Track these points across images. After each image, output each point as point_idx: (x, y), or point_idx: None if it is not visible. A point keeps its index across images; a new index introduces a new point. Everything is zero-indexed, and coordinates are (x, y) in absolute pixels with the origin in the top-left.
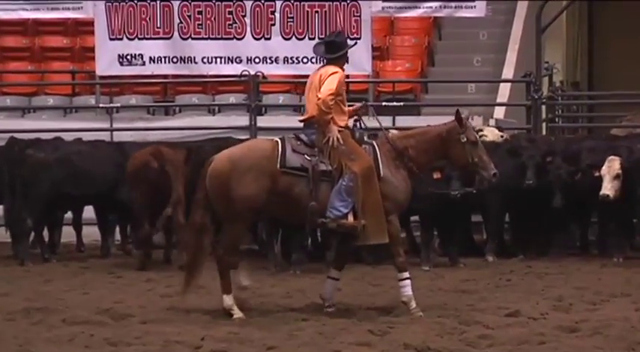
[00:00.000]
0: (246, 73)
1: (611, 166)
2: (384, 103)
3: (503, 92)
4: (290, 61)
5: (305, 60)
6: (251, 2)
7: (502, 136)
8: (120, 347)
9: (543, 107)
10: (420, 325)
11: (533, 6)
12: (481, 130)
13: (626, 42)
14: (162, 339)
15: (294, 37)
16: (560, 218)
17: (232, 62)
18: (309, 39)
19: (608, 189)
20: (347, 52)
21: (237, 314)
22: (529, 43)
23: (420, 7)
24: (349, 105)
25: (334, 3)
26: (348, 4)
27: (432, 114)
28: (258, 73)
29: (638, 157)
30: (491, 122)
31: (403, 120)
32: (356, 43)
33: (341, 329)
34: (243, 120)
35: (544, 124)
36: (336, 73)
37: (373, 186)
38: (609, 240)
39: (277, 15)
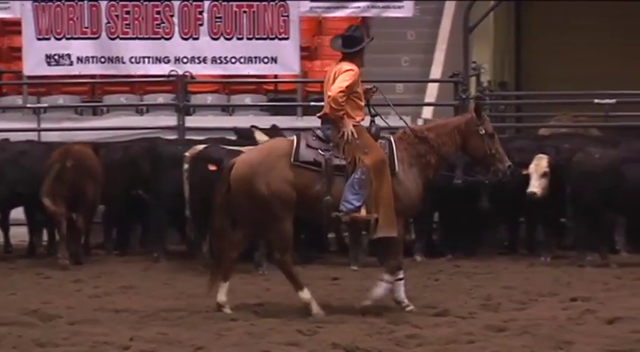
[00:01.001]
0: (174, 72)
1: (539, 164)
2: (312, 103)
3: (431, 92)
4: (218, 61)
5: (233, 60)
6: (179, 2)
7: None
8: (48, 348)
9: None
10: (348, 325)
11: (461, 6)
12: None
13: (553, 41)
14: (90, 340)
15: (222, 37)
16: (488, 217)
17: (160, 62)
18: (238, 39)
19: (535, 186)
20: (364, 47)
21: (316, 309)
22: (457, 43)
23: (347, 7)
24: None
25: (262, 3)
26: (276, 4)
27: None
28: (186, 73)
29: (566, 157)
30: (419, 122)
31: None
32: (372, 38)
33: (270, 329)
34: (171, 120)
35: None
36: (350, 70)
37: (385, 179)
38: (537, 239)
39: (205, 15)
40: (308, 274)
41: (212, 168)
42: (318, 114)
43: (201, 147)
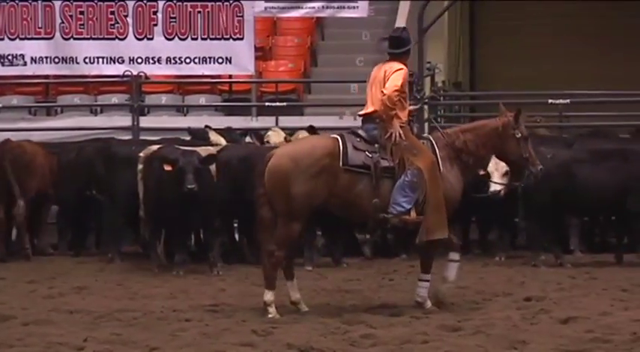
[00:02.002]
0: (129, 73)
1: (500, 163)
2: (266, 104)
3: None
4: (172, 61)
5: (187, 60)
6: (133, 2)
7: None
8: (2, 348)
9: (425, 107)
10: (303, 325)
11: (415, 6)
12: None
13: (507, 42)
14: (44, 341)
15: (176, 38)
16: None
17: (114, 62)
18: (192, 39)
19: (498, 186)
20: (410, 48)
21: (273, 313)
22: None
23: (302, 8)
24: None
25: (217, 3)
26: (230, 5)
27: (314, 114)
28: (141, 74)
29: None
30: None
31: (286, 121)
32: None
33: (224, 330)
34: (125, 120)
35: (426, 124)
36: (401, 69)
37: (437, 181)
38: (491, 239)
39: (160, 15)
40: (262, 274)
41: (167, 168)
42: (360, 113)
43: (155, 147)
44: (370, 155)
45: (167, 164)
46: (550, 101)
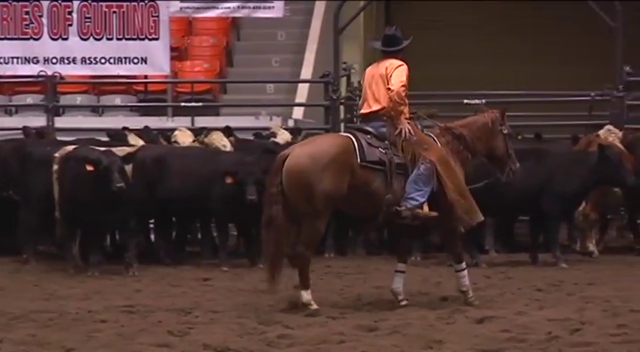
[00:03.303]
0: (44, 73)
1: None
2: (182, 104)
3: (302, 92)
4: (88, 61)
5: (103, 60)
6: (48, 2)
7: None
8: None
9: (342, 107)
10: (219, 325)
11: (331, 6)
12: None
13: (423, 42)
14: None
15: (91, 38)
16: (358, 218)
17: (29, 62)
18: (107, 39)
19: None
20: (404, 46)
21: (314, 306)
22: (327, 44)
23: (218, 8)
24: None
25: (132, 3)
26: (146, 5)
27: (230, 114)
28: (56, 74)
29: None
30: (290, 122)
31: (202, 121)
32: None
33: (140, 331)
34: (40, 120)
35: (342, 124)
36: (402, 65)
37: (453, 169)
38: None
39: (75, 15)
40: (178, 275)
41: (89, 168)
42: (363, 112)
43: (70, 148)
44: (384, 151)
45: (89, 164)
46: (465, 101)
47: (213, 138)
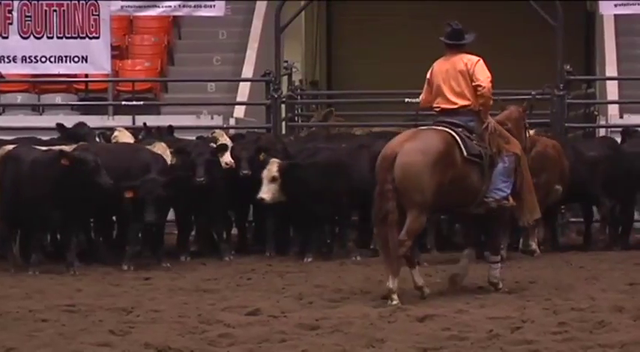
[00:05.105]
0: None
1: (270, 169)
2: (123, 103)
3: (243, 91)
4: (28, 60)
5: (43, 59)
6: None
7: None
8: None
9: (283, 106)
10: (160, 325)
11: (272, 5)
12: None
13: (364, 41)
14: None
15: (32, 36)
16: (299, 217)
17: None
18: (48, 38)
19: (264, 192)
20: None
21: (396, 301)
22: (268, 42)
23: (159, 7)
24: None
25: (72, 2)
26: (86, 3)
27: (172, 113)
28: None
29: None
30: (232, 121)
31: (143, 120)
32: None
33: (81, 330)
34: None
35: (283, 123)
36: (479, 60)
37: (527, 165)
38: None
39: (15, 14)
40: (119, 275)
41: (65, 163)
42: (444, 107)
43: (10, 147)
44: (479, 144)
45: (65, 160)
46: (407, 100)
47: (156, 148)
